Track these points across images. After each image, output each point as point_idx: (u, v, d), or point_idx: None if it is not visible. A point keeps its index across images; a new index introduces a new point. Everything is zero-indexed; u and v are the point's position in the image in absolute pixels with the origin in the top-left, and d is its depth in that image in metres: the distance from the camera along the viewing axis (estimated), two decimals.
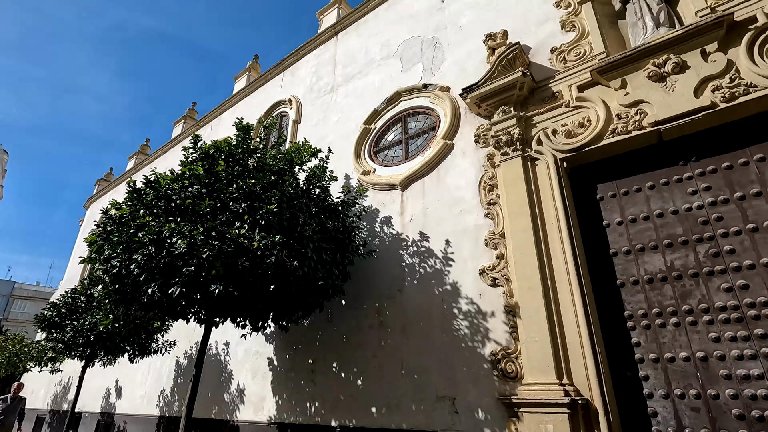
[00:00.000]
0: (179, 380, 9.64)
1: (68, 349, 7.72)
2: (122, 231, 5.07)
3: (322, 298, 5.88)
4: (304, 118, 10.04)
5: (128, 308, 6.07)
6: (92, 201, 19.73)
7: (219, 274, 4.68)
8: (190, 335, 9.90)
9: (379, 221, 7.24)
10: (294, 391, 7.04)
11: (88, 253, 5.73)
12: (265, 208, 5.09)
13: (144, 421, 9.91)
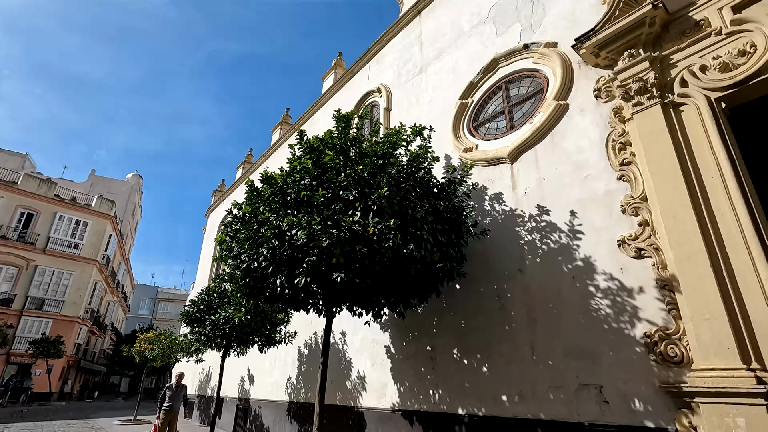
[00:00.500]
0: (303, 368, 10.23)
1: (209, 341, 8.64)
2: (247, 228, 5.36)
3: (439, 282, 5.65)
4: (395, 104, 9.90)
5: (256, 301, 6.47)
6: (211, 210, 22.05)
7: (339, 262, 4.69)
8: (308, 326, 10.44)
9: (488, 199, 6.79)
10: (415, 378, 6.95)
11: (219, 252, 6.22)
12: (375, 192, 4.99)
13: (275, 406, 10.73)
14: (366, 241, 4.76)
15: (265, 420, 10.97)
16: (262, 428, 10.94)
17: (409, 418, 6.83)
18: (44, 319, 27.07)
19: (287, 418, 10.03)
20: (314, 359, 9.95)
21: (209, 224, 21.87)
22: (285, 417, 10.13)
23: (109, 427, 13.38)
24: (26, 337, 25.63)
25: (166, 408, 8.35)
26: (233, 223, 5.86)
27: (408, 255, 4.93)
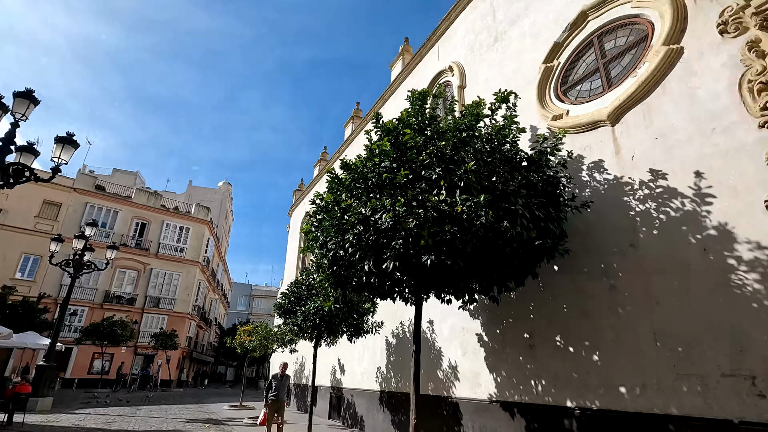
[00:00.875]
0: (392, 358, 10.20)
1: (301, 331, 8.96)
2: (331, 215, 5.33)
3: (538, 262, 5.15)
4: (469, 80, 9.37)
5: (344, 290, 6.47)
6: (293, 209, 23.13)
7: (428, 244, 4.43)
8: (394, 315, 10.38)
9: (585, 169, 6.06)
10: (513, 367, 6.49)
11: (305, 242, 6.31)
12: (461, 168, 4.64)
13: (368, 395, 10.86)
14: (455, 220, 4.44)
15: (358, 408, 11.17)
16: (356, 416, 11.15)
17: (509, 410, 6.40)
18: (160, 316, 30.61)
19: (380, 407, 10.08)
20: (402, 349, 9.87)
21: (292, 222, 22.96)
22: (377, 406, 10.19)
23: (219, 412, 14.64)
24: (148, 332, 29.19)
25: (273, 397, 8.40)
26: (317, 213, 5.88)
27: (502, 233, 4.53)
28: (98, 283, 28.25)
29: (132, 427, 10.30)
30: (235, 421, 12.21)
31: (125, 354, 28.03)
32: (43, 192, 27.63)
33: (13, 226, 26.07)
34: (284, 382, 8.55)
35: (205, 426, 10.92)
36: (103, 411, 13.69)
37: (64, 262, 15.36)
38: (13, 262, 25.61)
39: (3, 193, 26.11)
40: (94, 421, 11.25)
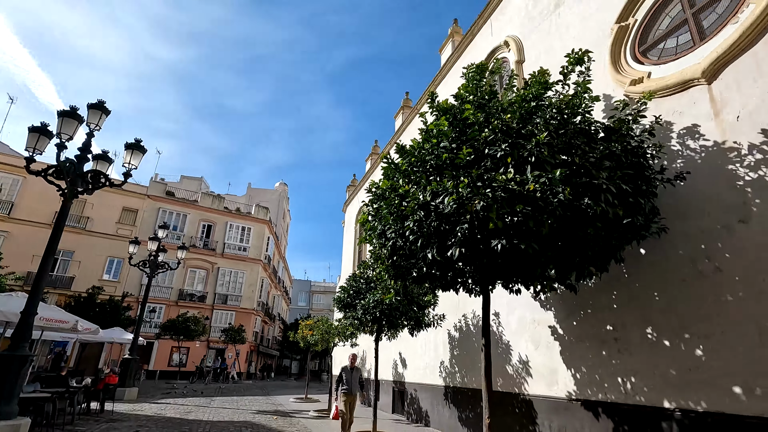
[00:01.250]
0: (455, 352, 9.80)
1: (361, 325, 8.84)
2: (388, 203, 5.06)
3: (626, 243, 4.53)
4: (528, 54, 8.67)
5: (404, 281, 6.19)
6: (347, 204, 23.29)
7: (497, 227, 4.01)
8: (456, 308, 9.97)
9: (675, 136, 5.28)
10: (595, 363, 5.86)
11: (363, 233, 6.10)
12: (531, 141, 4.15)
13: (431, 390, 10.56)
14: (526, 199, 3.98)
15: (422, 403, 10.90)
16: (420, 411, 10.89)
17: (592, 410, 5.79)
18: (228, 312, 32.34)
19: (445, 402, 9.74)
20: (466, 343, 9.44)
21: (346, 218, 23.13)
22: (442, 401, 9.85)
23: (286, 404, 15.06)
24: (218, 327, 30.96)
25: (345, 390, 8.04)
26: (373, 201, 5.64)
27: (582, 211, 4.00)
28: (172, 282, 30.36)
29: (207, 418, 10.78)
30: (301, 413, 12.44)
31: (199, 348, 29.94)
32: (121, 200, 30.14)
33: (99, 232, 28.68)
34: (355, 375, 8.18)
35: (273, 418, 11.20)
36: (181, 401, 14.57)
37: (141, 262, 16.56)
38: (100, 265, 28.18)
39: (88, 203, 28.81)
40: (173, 410, 11.95)
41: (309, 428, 9.80)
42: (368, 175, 19.52)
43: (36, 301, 7.48)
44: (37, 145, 8.26)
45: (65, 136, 8.15)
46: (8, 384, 6.87)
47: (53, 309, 9.04)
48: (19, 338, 7.20)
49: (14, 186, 26.95)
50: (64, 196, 8.36)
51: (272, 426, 9.88)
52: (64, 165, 8.21)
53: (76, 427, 8.63)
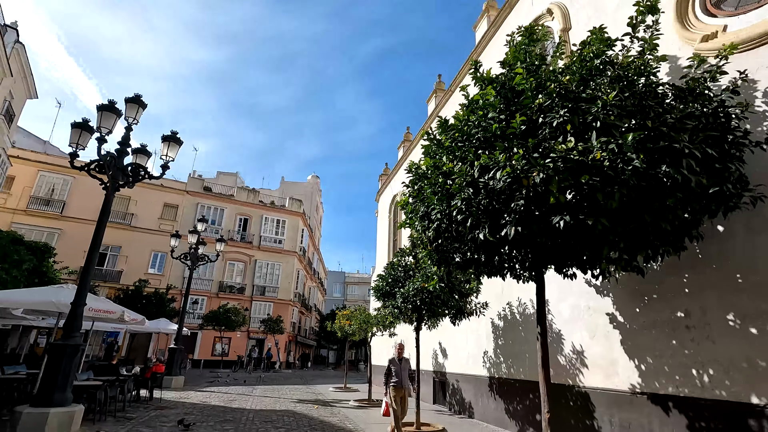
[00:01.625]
0: (500, 342, 9.37)
1: (401, 314, 8.57)
2: (431, 182, 4.71)
3: (710, 215, 3.98)
4: (574, 20, 8.00)
5: (448, 267, 5.85)
6: (380, 194, 23.03)
7: (560, 201, 3.58)
8: (499, 296, 9.51)
9: (761, 95, 4.61)
10: (664, 353, 5.32)
11: (404, 218, 5.78)
12: (596, 102, 3.67)
13: (474, 381, 10.19)
14: (592, 169, 3.52)
15: (465, 394, 10.56)
16: (463, 403, 10.56)
17: (661, 404, 5.27)
18: (267, 303, 33.04)
19: (489, 394, 9.35)
20: (511, 332, 8.98)
21: (380, 207, 22.89)
22: (487, 393, 9.47)
23: (325, 393, 15.12)
24: (257, 318, 31.71)
25: (395, 384, 7.29)
26: (414, 182, 5.30)
27: (659, 180, 3.50)
28: (213, 275, 31.29)
29: (250, 406, 10.90)
30: (341, 403, 12.40)
31: (240, 338, 30.79)
32: (162, 196, 31.24)
33: (143, 227, 29.87)
34: (404, 366, 7.45)
35: (314, 407, 11.19)
36: (225, 389, 14.91)
37: (182, 255, 17.01)
38: (145, 259, 29.38)
39: (132, 200, 30.04)
40: (217, 398, 12.19)
41: (350, 417, 9.69)
42: (401, 163, 19.14)
43: (84, 292, 7.66)
44: (80, 141, 8.44)
45: (105, 129, 8.26)
46: (62, 372, 7.08)
47: (101, 300, 9.32)
48: (70, 328, 7.41)
49: (65, 186, 28.42)
50: (106, 190, 8.51)
51: (313, 415, 9.84)
52: (105, 159, 8.33)
53: (127, 414, 8.88)
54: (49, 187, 28.09)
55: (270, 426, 8.30)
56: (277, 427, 8.24)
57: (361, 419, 9.53)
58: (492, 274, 5.70)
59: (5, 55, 18.29)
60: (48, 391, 6.91)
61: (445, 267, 5.85)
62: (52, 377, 7.00)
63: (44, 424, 6.59)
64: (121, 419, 8.30)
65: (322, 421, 9.04)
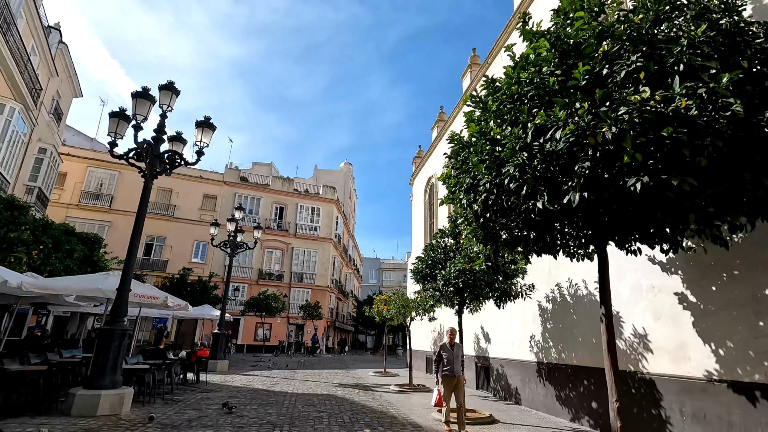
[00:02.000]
0: (548, 325, 8.84)
1: (442, 297, 8.22)
2: (479, 149, 4.27)
3: None
4: None
5: (495, 245, 5.43)
6: (414, 177, 22.55)
7: (634, 161, 3.07)
8: (547, 276, 8.95)
9: None
10: (747, 337, 4.69)
11: (446, 194, 5.38)
12: (679, 42, 3.10)
13: (521, 366, 9.73)
14: (675, 120, 2.98)
15: (510, 380, 10.13)
16: (509, 388, 10.14)
17: (745, 393, 4.67)
18: (304, 289, 33.59)
19: (538, 379, 8.88)
20: (561, 315, 8.43)
21: (414, 191, 22.44)
22: (535, 378, 9.01)
23: (365, 377, 15.10)
24: (296, 304, 32.31)
25: (447, 373, 6.67)
26: (458, 152, 4.88)
27: (761, 129, 2.91)
28: (252, 263, 32.07)
29: (292, 390, 10.97)
30: (382, 387, 12.28)
31: (280, 324, 31.53)
32: (202, 188, 32.16)
33: (185, 218, 30.91)
34: (456, 352, 6.78)
35: (355, 391, 11.12)
36: (267, 373, 15.19)
37: (222, 243, 17.35)
38: (188, 249, 30.46)
39: (174, 192, 31.10)
40: (260, 382, 12.38)
41: (391, 402, 9.51)
42: (436, 143, 18.55)
43: (128, 278, 7.80)
44: (118, 130, 8.52)
45: (140, 117, 8.29)
46: (111, 356, 7.26)
47: (146, 286, 9.54)
48: (116, 313, 7.57)
49: (112, 180, 29.76)
50: (144, 177, 8.59)
51: (355, 399, 9.74)
52: (141, 146, 8.39)
53: (175, 396, 9.09)
54: (98, 182, 29.50)
55: (312, 410, 8.24)
56: (319, 411, 8.17)
57: (403, 404, 9.33)
58: (543, 252, 5.26)
59: (51, 56, 19.05)
60: (99, 375, 7.11)
61: (492, 245, 5.43)
62: (102, 361, 7.18)
63: (97, 405, 6.78)
64: (170, 401, 8.49)
65: (363, 406, 8.91)
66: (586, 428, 7.22)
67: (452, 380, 6.69)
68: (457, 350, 6.87)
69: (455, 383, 6.70)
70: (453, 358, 6.73)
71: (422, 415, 8.03)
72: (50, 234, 11.39)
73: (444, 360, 6.75)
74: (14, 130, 15.37)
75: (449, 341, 6.89)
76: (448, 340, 6.92)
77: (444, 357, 6.77)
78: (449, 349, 6.82)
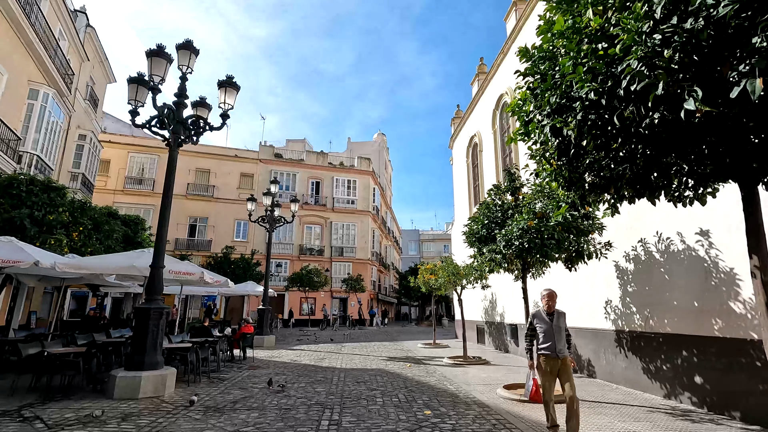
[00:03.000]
0: (629, 288, 7.62)
1: (504, 260, 7.15)
2: (572, 48, 3.12)
3: None
4: None
5: (581, 189, 4.33)
6: (453, 139, 21.13)
7: None
8: (627, 231, 7.66)
9: None
10: None
11: (518, 127, 4.27)
12: None
13: (592, 336, 8.61)
14: None
15: (580, 350, 9.04)
16: (579, 360, 9.07)
17: None
18: (346, 263, 33.39)
19: (617, 350, 7.76)
20: (646, 276, 7.17)
21: (455, 154, 21.06)
22: (612, 349, 7.89)
23: (414, 350, 14.47)
24: (338, 278, 32.22)
25: (545, 352, 4.70)
26: (536, 66, 3.73)
27: None
28: (293, 239, 32.11)
29: (340, 365, 10.45)
30: (434, 360, 11.56)
31: (324, 297, 31.63)
32: (238, 166, 32.20)
33: (224, 198, 31.16)
34: (558, 323, 4.79)
35: (407, 365, 10.45)
36: (314, 347, 14.90)
37: (260, 218, 16.99)
38: (230, 228, 30.80)
39: (212, 173, 31.31)
40: (307, 357, 12.00)
41: (447, 377, 8.75)
42: (477, 98, 17.01)
43: (161, 253, 7.31)
44: (138, 97, 7.87)
45: (157, 77, 7.60)
46: (150, 336, 6.85)
47: (181, 262, 9.12)
48: (151, 290, 7.13)
49: (153, 165, 30.27)
50: (169, 146, 7.97)
51: (407, 375, 9.04)
52: (162, 111, 7.72)
53: (221, 375, 8.75)
54: (140, 167, 30.10)
55: (363, 387, 7.59)
56: (371, 388, 7.51)
57: (461, 379, 8.53)
58: (639, 196, 4.17)
59: (80, 40, 18.90)
60: (138, 355, 6.72)
61: (579, 190, 4.33)
62: (140, 341, 6.78)
63: (138, 387, 6.39)
64: (215, 380, 8.12)
65: (418, 382, 8.18)
66: (687, 406, 6.10)
67: (555, 363, 4.64)
68: (559, 320, 4.82)
69: (559, 367, 4.63)
70: (553, 332, 4.71)
71: (485, 392, 7.19)
72: (89, 215, 11.27)
73: (540, 334, 4.82)
74: (51, 116, 15.37)
75: (546, 308, 4.88)
76: (544, 306, 4.91)
77: (539, 330, 4.83)
78: (546, 319, 4.82)
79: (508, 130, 13.78)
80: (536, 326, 4.90)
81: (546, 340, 4.73)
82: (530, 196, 7.16)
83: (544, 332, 4.77)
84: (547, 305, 4.89)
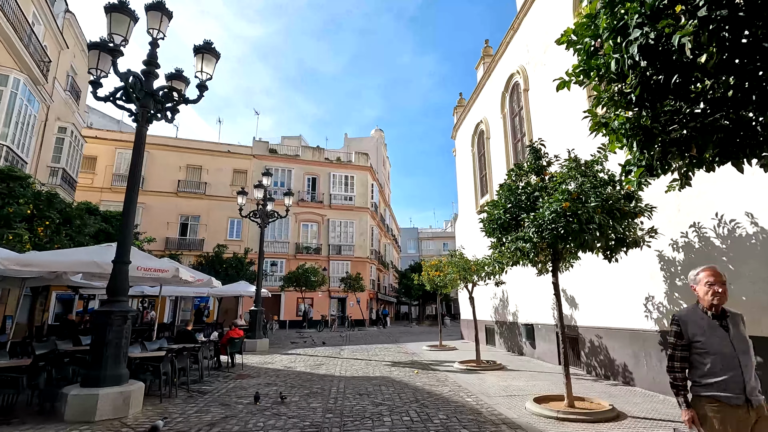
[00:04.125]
0: (677, 282, 6.53)
1: (534, 249, 6.00)
2: None
3: None
4: None
5: (662, 147, 3.28)
6: (456, 129, 20.01)
7: None
8: (675, 214, 6.56)
9: None
10: None
11: (578, 61, 3.16)
12: None
13: (629, 337, 7.50)
14: None
15: (614, 354, 7.94)
16: (611, 365, 7.97)
17: None
18: (344, 262, 32.22)
19: (662, 354, 6.66)
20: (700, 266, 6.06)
21: (458, 144, 19.94)
22: (656, 353, 6.78)
23: (419, 353, 13.35)
24: (336, 277, 31.04)
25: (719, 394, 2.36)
26: None
27: None
28: (288, 237, 30.92)
29: (339, 372, 9.32)
30: (443, 365, 10.44)
31: (321, 297, 30.45)
32: (231, 163, 30.99)
33: (217, 195, 29.93)
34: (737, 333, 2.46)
35: (414, 372, 9.32)
36: (311, 351, 13.76)
37: (252, 213, 15.83)
38: (223, 226, 29.58)
39: (204, 169, 30.09)
40: (303, 363, 10.86)
41: (462, 386, 7.65)
42: (483, 83, 15.89)
43: (125, 248, 6.14)
44: (100, 65, 6.72)
45: (118, 37, 6.44)
46: (111, 345, 5.69)
47: (152, 258, 7.96)
48: (114, 290, 5.97)
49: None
50: (137, 122, 6.82)
51: (416, 384, 7.92)
52: (126, 79, 6.56)
53: (203, 386, 7.62)
54: (127, 164, 28.63)
55: (367, 401, 6.47)
56: (375, 402, 6.39)
57: (478, 388, 7.42)
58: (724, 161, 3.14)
59: (57, 27, 17.66)
60: (96, 369, 5.58)
61: (659, 147, 3.26)
62: (98, 351, 5.62)
63: (94, 407, 5.22)
64: (195, 394, 6.98)
65: (430, 393, 7.06)
66: None
67: (743, 416, 2.34)
68: (737, 329, 2.48)
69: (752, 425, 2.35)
70: (735, 352, 2.40)
71: (512, 407, 6.07)
72: (57, 208, 10.09)
73: (701, 358, 2.47)
74: (23, 105, 14.15)
75: (712, 304, 2.54)
76: (709, 300, 2.56)
77: (701, 348, 2.47)
78: (714, 324, 2.51)
79: (520, 112, 12.66)
80: (694, 342, 2.50)
81: (717, 369, 2.39)
82: (561, 174, 6.04)
83: (714, 353, 2.42)
84: (716, 298, 2.51)
